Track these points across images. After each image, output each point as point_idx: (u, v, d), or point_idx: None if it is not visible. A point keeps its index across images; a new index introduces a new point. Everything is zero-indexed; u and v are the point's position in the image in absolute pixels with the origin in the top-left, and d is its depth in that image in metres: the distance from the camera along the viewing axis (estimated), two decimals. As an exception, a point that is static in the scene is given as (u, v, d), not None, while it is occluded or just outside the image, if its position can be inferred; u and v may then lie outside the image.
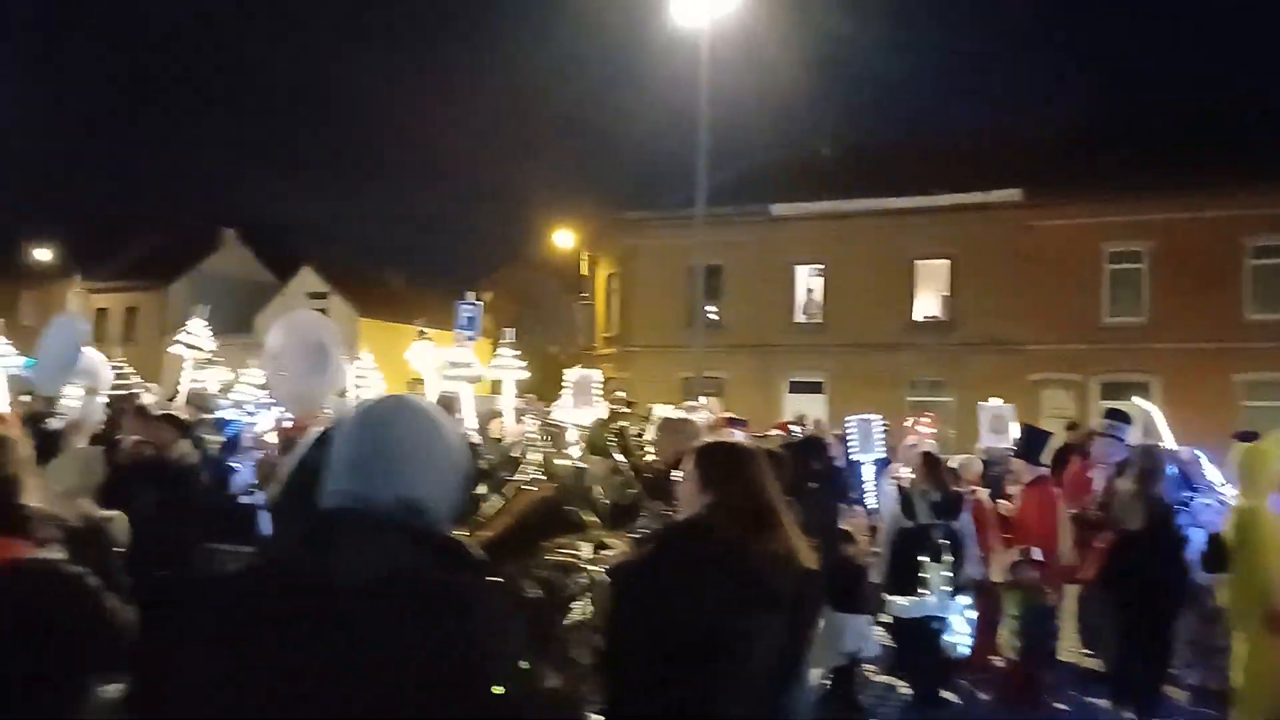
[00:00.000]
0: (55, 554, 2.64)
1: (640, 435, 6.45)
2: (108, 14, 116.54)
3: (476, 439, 7.98)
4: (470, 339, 15.86)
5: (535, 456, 2.43)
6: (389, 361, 12.99)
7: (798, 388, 28.64)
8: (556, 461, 2.46)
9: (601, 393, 10.17)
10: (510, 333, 12.25)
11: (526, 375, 12.21)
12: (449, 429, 1.80)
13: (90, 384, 8.37)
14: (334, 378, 7.57)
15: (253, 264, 45.44)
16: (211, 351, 11.89)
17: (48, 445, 7.21)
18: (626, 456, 4.74)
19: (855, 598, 5.20)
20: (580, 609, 2.04)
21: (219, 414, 9.78)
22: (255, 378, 11.58)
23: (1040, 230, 25.60)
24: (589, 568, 2.10)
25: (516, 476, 2.42)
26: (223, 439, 8.64)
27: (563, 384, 11.81)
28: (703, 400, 21.94)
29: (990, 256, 26.18)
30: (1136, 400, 10.36)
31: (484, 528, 2.30)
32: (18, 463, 2.59)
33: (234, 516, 6.86)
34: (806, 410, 18.08)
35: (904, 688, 6.95)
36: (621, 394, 12.64)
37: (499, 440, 9.07)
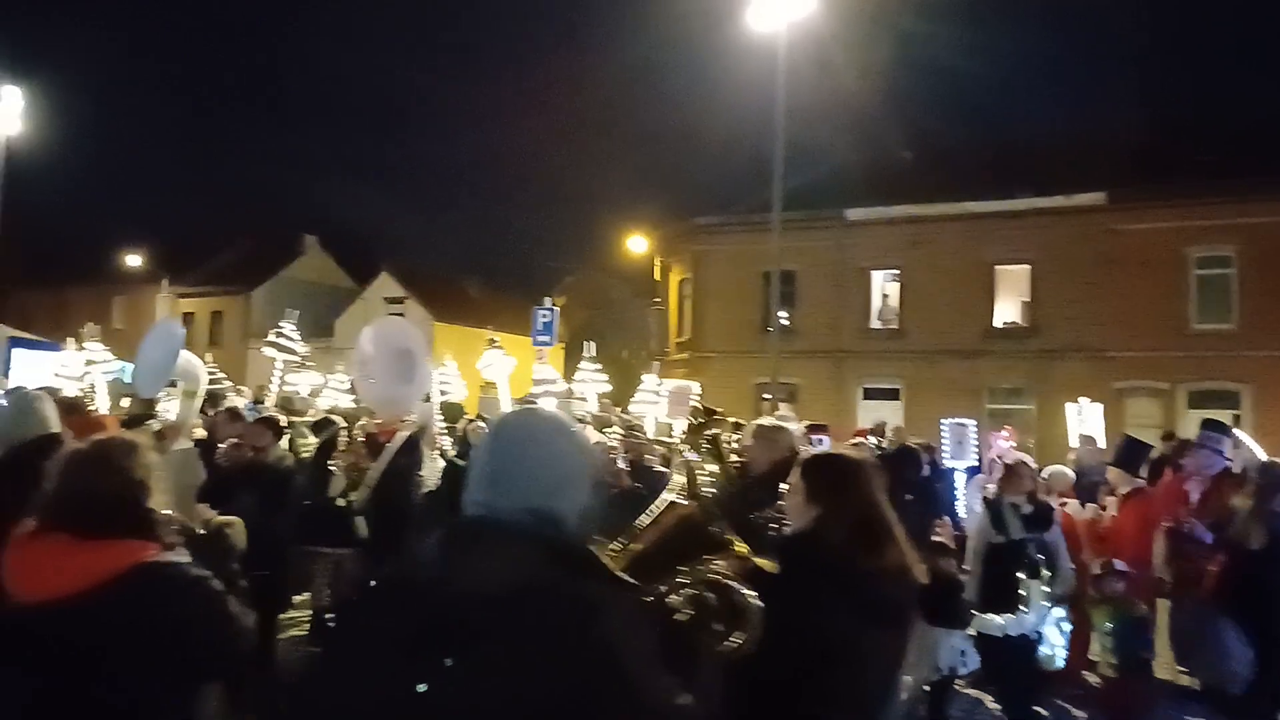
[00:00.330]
0: (181, 557, 2.69)
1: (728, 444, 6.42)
2: (194, 27, 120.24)
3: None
4: (546, 344, 16.03)
5: (679, 478, 2.39)
6: (464, 366, 13.20)
7: (872, 394, 28.28)
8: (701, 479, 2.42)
9: (694, 403, 10.17)
10: (592, 346, 12.39)
11: (609, 388, 12.34)
12: (581, 440, 1.82)
13: (188, 387, 8.64)
14: (421, 384, 7.73)
15: (333, 269, 46.42)
16: (303, 356, 12.19)
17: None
18: (719, 464, 4.69)
19: (951, 612, 5.10)
20: (726, 628, 2.01)
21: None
22: (344, 382, 11.88)
23: (1124, 234, 24.92)
24: (739, 587, 2.05)
25: (667, 493, 2.39)
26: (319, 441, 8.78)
27: (640, 389, 11.88)
28: (779, 407, 21.83)
29: (1072, 261, 25.56)
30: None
31: (634, 542, 2.26)
32: (145, 468, 2.65)
33: (332, 519, 7.00)
34: (884, 417, 17.82)
35: (992, 702, 6.82)
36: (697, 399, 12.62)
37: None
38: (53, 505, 2.48)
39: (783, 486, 2.93)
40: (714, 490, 2.34)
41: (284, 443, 7.33)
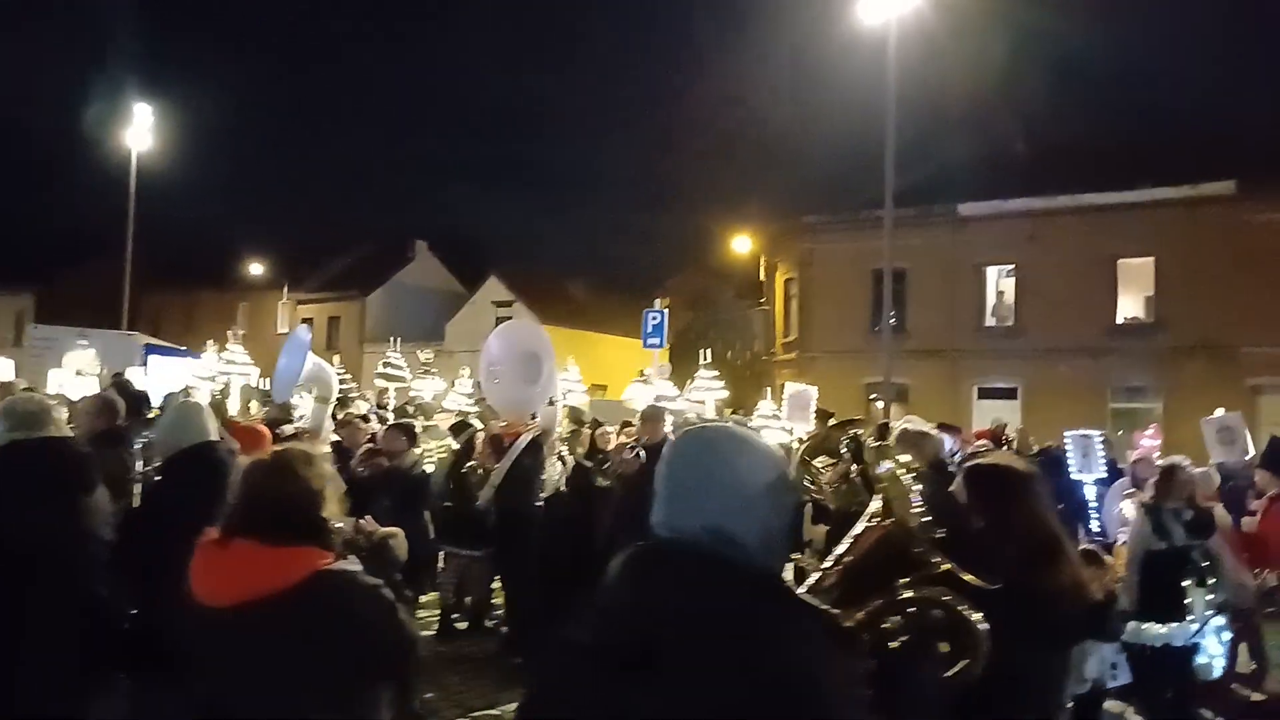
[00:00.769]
0: (354, 565, 2.75)
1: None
2: (309, 43, 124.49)
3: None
4: (657, 346, 16.08)
5: (875, 503, 2.28)
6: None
7: (987, 394, 27.53)
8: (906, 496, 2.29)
9: (816, 408, 10.07)
10: (707, 353, 12.43)
11: (726, 394, 12.36)
12: (765, 458, 1.75)
13: (320, 393, 8.94)
14: (546, 387, 7.84)
15: (443, 274, 47.47)
16: (421, 363, 12.60)
17: (284, 451, 7.78)
18: (859, 464, 4.63)
19: (1107, 624, 4.91)
20: (941, 654, 1.92)
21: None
22: (466, 386, 12.18)
23: (1256, 225, 23.65)
24: (959, 609, 1.93)
25: (871, 509, 2.30)
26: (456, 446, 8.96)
27: (759, 414, 11.85)
28: (878, 405, 21.41)
29: (1200, 254, 24.40)
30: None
31: (832, 566, 2.17)
32: (322, 478, 2.73)
33: (468, 521, 7.16)
34: (1000, 418, 17.35)
35: (1134, 714, 6.56)
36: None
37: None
38: (238, 512, 2.58)
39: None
40: (918, 505, 2.19)
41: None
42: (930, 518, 2.15)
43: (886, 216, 18.08)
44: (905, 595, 2.00)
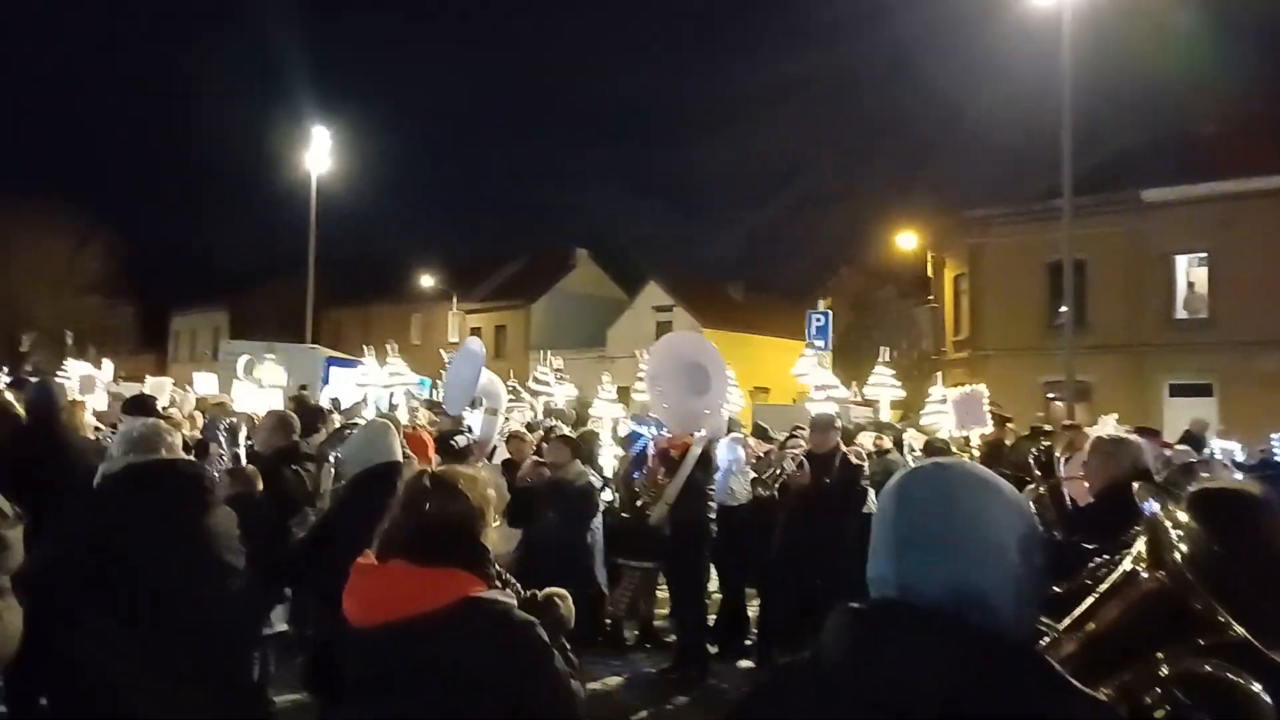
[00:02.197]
0: (509, 598, 2.58)
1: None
2: (471, 64, 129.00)
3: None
4: (821, 349, 15.72)
5: (1139, 545, 1.88)
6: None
7: (1179, 391, 25.71)
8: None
9: (989, 408, 9.52)
10: (886, 351, 12.06)
11: (902, 395, 11.96)
12: (1015, 504, 1.48)
13: (490, 405, 9.09)
14: (714, 398, 7.71)
15: (604, 280, 48.20)
16: (559, 371, 12.80)
17: (456, 462, 7.93)
18: (1046, 478, 4.22)
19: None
20: None
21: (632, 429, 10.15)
22: (611, 391, 12.23)
23: None
24: (1241, 679, 1.61)
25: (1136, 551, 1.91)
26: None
27: (930, 401, 11.36)
28: (1058, 405, 20.24)
29: None
30: None
31: (1070, 626, 1.83)
32: (485, 498, 2.62)
33: (639, 533, 7.11)
34: (1196, 416, 16.08)
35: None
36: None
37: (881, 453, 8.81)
38: (394, 531, 2.52)
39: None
40: (1184, 549, 1.78)
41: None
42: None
43: (1065, 205, 17.13)
44: (1172, 666, 1.66)
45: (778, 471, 7.41)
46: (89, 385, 12.46)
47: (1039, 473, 4.54)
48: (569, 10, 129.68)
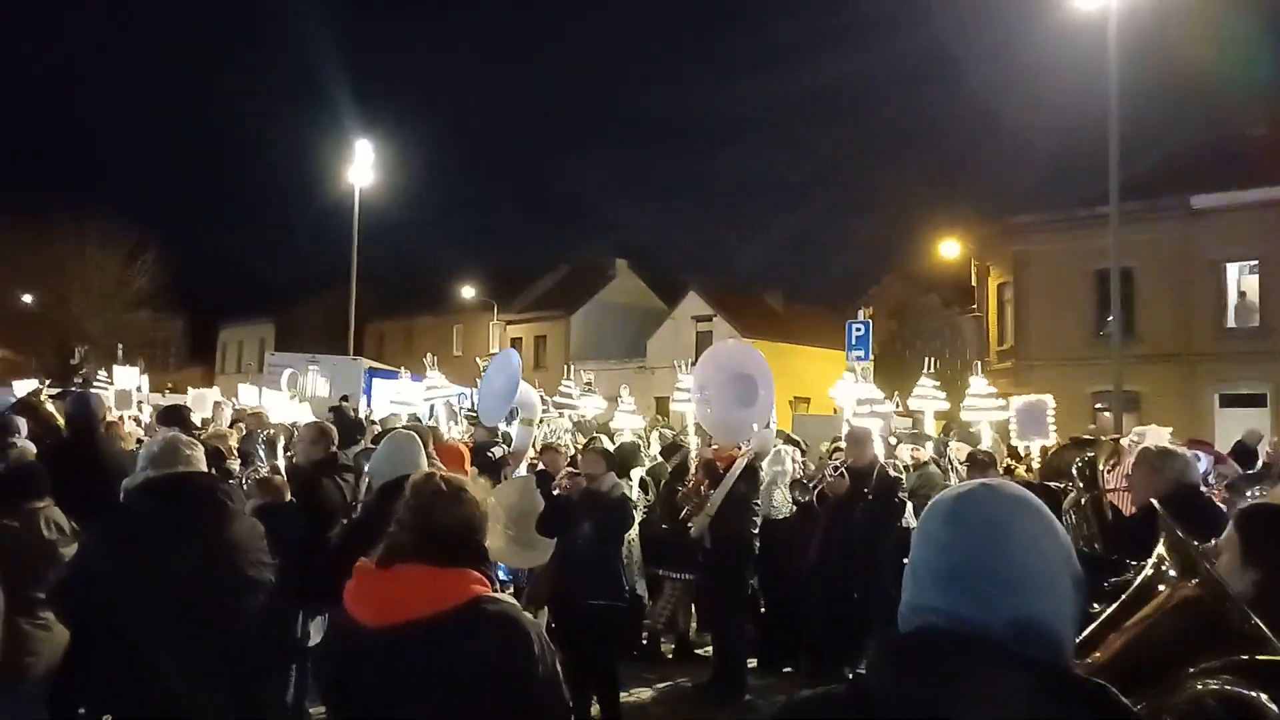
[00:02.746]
0: (510, 599, 2.71)
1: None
2: (508, 76, 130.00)
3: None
4: (862, 359, 15.55)
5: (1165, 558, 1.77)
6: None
7: (1230, 401, 25.18)
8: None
9: (1053, 419, 9.20)
10: (931, 362, 11.84)
11: (946, 406, 11.71)
12: (1056, 525, 1.42)
13: (526, 415, 9.08)
14: (761, 410, 7.61)
15: (643, 291, 48.17)
16: (587, 385, 12.78)
17: (492, 472, 7.92)
18: (1090, 492, 4.08)
19: None
20: None
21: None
22: (630, 403, 12.16)
23: None
24: (1265, 700, 1.51)
25: (1157, 560, 1.81)
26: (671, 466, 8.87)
27: (970, 394, 11.03)
28: (1106, 415, 19.85)
29: None
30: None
31: (1101, 637, 1.74)
32: (481, 504, 2.67)
33: (678, 544, 7.05)
34: (1250, 426, 15.65)
35: None
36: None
37: (921, 467, 8.67)
38: (403, 534, 2.54)
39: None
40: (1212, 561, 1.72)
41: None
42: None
43: (1112, 212, 16.84)
44: (1205, 683, 1.56)
45: (817, 480, 7.33)
46: (124, 400, 12.60)
47: (1081, 484, 4.42)
48: (608, 23, 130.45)
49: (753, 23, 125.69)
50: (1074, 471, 4.50)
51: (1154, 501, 2.28)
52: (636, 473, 8.16)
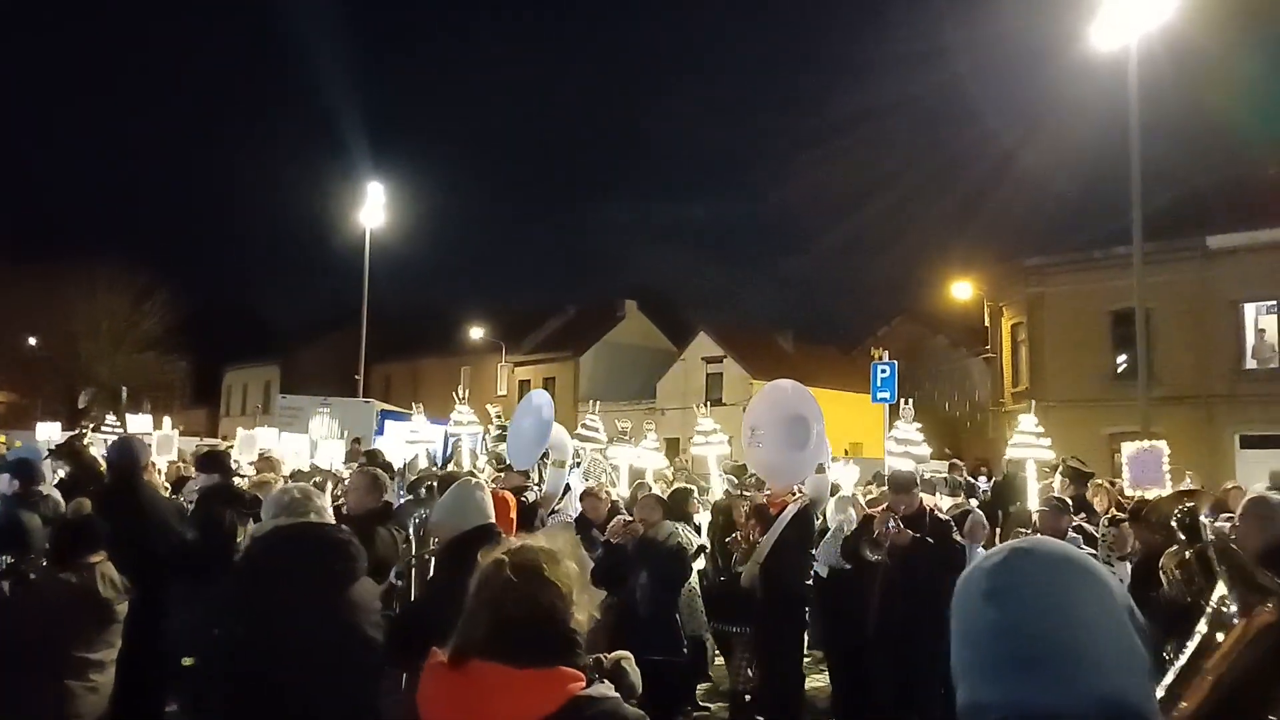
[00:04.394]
0: (611, 692, 2.25)
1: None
2: (514, 120, 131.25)
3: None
4: (887, 400, 15.31)
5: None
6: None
7: (1250, 443, 24.91)
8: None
9: (1168, 468, 8.56)
10: (909, 403, 11.47)
11: (928, 450, 11.17)
12: (1112, 581, 1.23)
13: (557, 458, 8.87)
14: (814, 453, 7.37)
15: (652, 332, 48.08)
16: (616, 432, 12.55)
17: (524, 517, 7.69)
18: (1192, 542, 3.87)
19: None
20: None
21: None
22: (655, 444, 11.93)
23: None
24: None
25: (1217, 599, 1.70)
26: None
27: (1018, 432, 10.53)
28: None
29: None
30: None
31: (1190, 677, 1.69)
32: (569, 577, 2.26)
33: (737, 596, 6.81)
34: (1273, 469, 15.37)
35: None
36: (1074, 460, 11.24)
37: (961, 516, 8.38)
38: (472, 627, 2.18)
39: None
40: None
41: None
42: None
43: (1136, 252, 16.76)
44: None
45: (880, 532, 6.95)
46: (166, 445, 12.58)
47: (1183, 536, 4.20)
48: (615, 65, 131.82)
49: (765, 66, 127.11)
50: (1174, 524, 4.29)
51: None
52: (701, 518, 7.88)
